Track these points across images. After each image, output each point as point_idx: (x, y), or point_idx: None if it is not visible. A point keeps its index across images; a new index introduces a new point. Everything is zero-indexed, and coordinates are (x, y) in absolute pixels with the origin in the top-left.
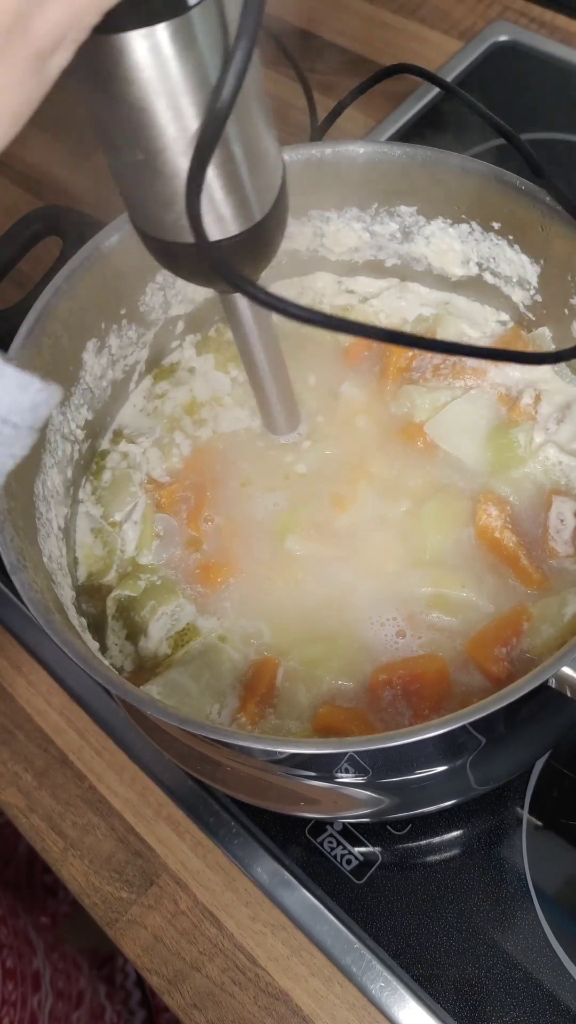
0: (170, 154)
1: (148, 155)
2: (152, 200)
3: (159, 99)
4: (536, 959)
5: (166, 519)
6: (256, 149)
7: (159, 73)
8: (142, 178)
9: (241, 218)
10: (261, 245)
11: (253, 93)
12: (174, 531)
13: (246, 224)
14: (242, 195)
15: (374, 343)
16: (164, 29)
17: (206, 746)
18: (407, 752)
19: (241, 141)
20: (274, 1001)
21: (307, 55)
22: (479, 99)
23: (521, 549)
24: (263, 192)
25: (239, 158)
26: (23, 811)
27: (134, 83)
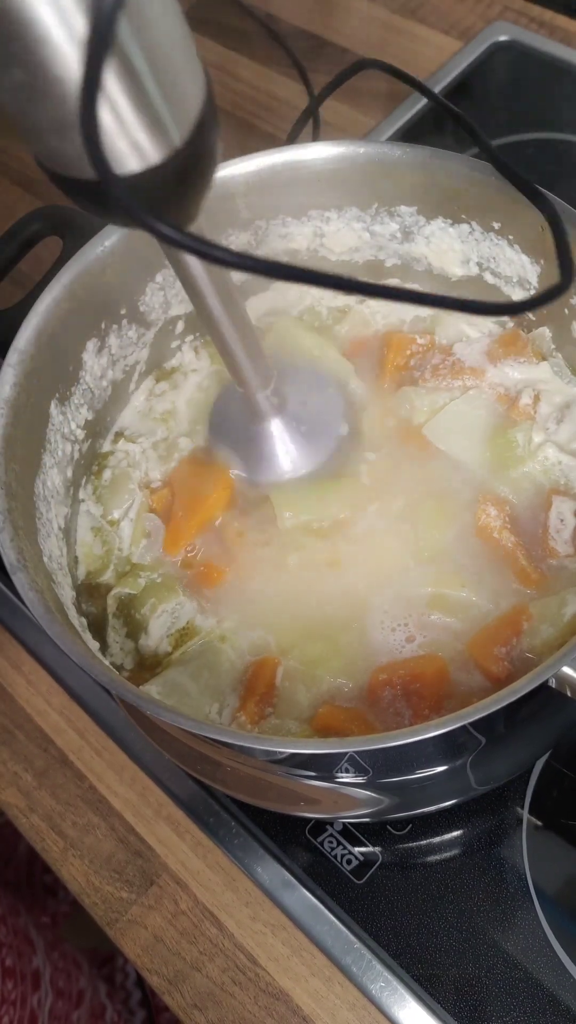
0: (56, 70)
1: (29, 74)
2: (46, 128)
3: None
4: (536, 959)
5: (154, 519)
6: (165, 54)
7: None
8: (29, 103)
9: (156, 144)
10: (186, 176)
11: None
12: (160, 532)
13: (162, 151)
14: (153, 115)
15: (371, 344)
16: None
17: (206, 746)
18: (407, 752)
19: (143, 46)
20: (274, 1001)
21: (307, 55)
22: (479, 99)
23: (520, 549)
24: (180, 110)
25: (143, 70)
26: (23, 811)
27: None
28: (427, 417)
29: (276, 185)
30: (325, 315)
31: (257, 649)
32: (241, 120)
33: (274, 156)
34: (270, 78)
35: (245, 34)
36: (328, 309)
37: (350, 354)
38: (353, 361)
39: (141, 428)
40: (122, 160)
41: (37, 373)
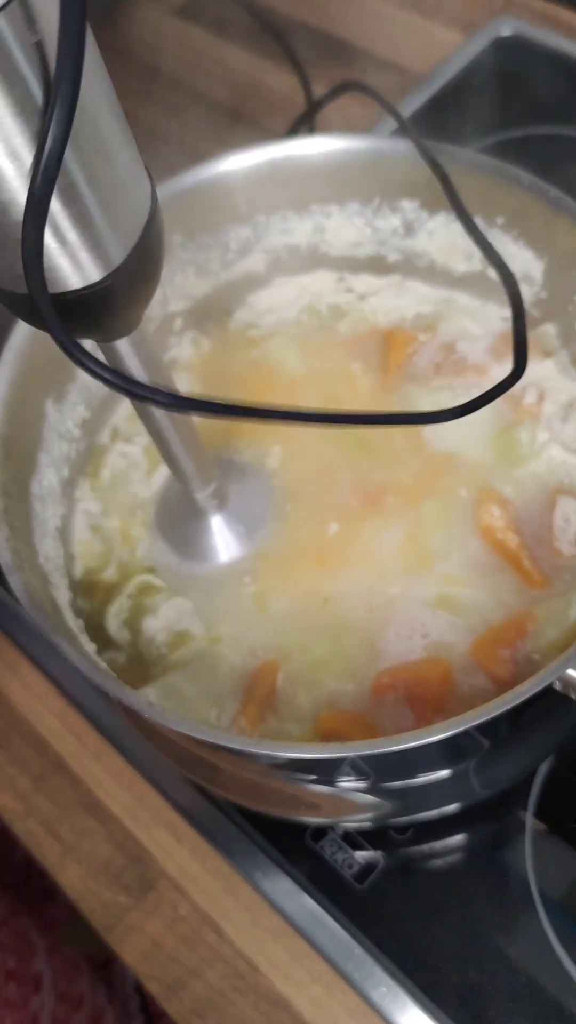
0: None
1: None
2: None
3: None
4: (540, 965)
5: None
6: (109, 180)
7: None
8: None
9: (96, 263)
10: (128, 291)
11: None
12: None
13: (103, 270)
14: (94, 236)
15: (373, 341)
16: None
17: (205, 750)
18: (410, 756)
19: (87, 174)
20: (275, 1008)
21: (307, 49)
22: (482, 94)
23: (524, 550)
24: (123, 229)
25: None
26: (20, 815)
27: None
28: None
29: (276, 179)
30: (325, 313)
31: (257, 652)
32: (238, 114)
33: (274, 150)
34: (267, 71)
35: (242, 27)
36: (328, 307)
37: (351, 352)
38: (354, 359)
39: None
40: (62, 279)
41: (33, 371)
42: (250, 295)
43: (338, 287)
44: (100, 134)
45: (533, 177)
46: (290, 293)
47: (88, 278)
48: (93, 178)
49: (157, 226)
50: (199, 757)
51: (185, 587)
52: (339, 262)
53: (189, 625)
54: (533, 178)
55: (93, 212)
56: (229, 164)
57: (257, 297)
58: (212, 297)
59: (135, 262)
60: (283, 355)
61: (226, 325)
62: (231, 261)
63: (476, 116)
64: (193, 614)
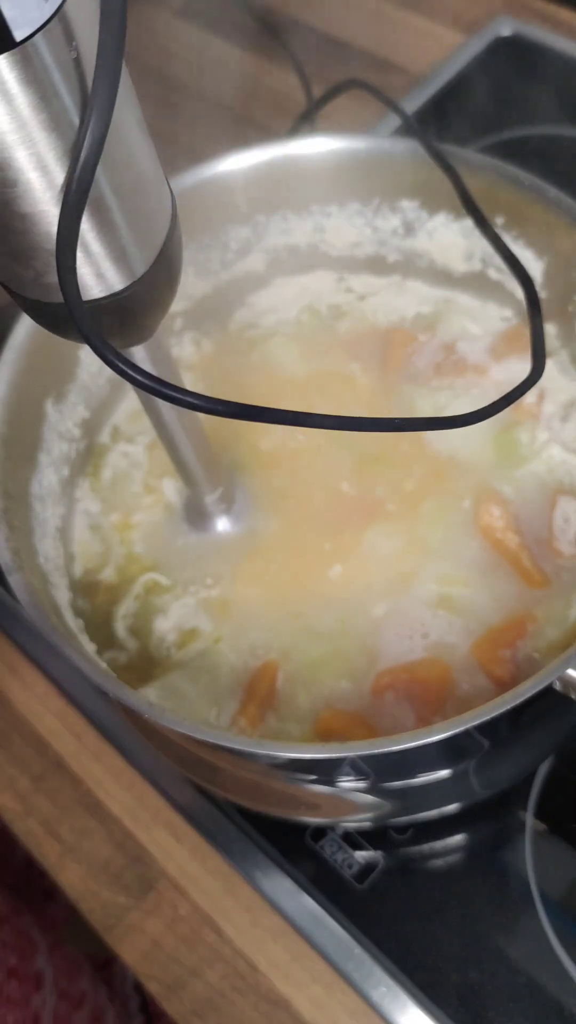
0: (23, 208)
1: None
2: (6, 253)
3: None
4: (540, 965)
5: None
6: (135, 193)
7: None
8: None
9: (120, 274)
10: (147, 300)
11: (128, 130)
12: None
13: (125, 280)
14: (119, 248)
15: (373, 341)
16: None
17: (205, 750)
18: (410, 756)
19: (115, 188)
20: (275, 1008)
21: (306, 48)
22: (482, 94)
23: (523, 550)
24: (146, 241)
25: (114, 208)
26: (19, 815)
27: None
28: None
29: (276, 179)
30: (325, 312)
31: (257, 652)
32: (238, 114)
33: (274, 150)
34: (267, 71)
35: (242, 27)
36: (328, 307)
37: (351, 352)
38: (354, 359)
39: (140, 426)
40: (85, 288)
41: (33, 371)
42: (250, 295)
43: (338, 287)
44: (127, 147)
45: (533, 177)
46: (290, 293)
47: (110, 287)
48: (119, 190)
49: (177, 236)
50: (199, 757)
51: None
52: (339, 262)
53: (198, 622)
54: (533, 178)
55: (119, 223)
56: (229, 164)
57: (257, 297)
58: (212, 297)
59: (156, 272)
60: (283, 355)
61: (226, 325)
62: (231, 261)
63: (476, 116)
64: (199, 609)
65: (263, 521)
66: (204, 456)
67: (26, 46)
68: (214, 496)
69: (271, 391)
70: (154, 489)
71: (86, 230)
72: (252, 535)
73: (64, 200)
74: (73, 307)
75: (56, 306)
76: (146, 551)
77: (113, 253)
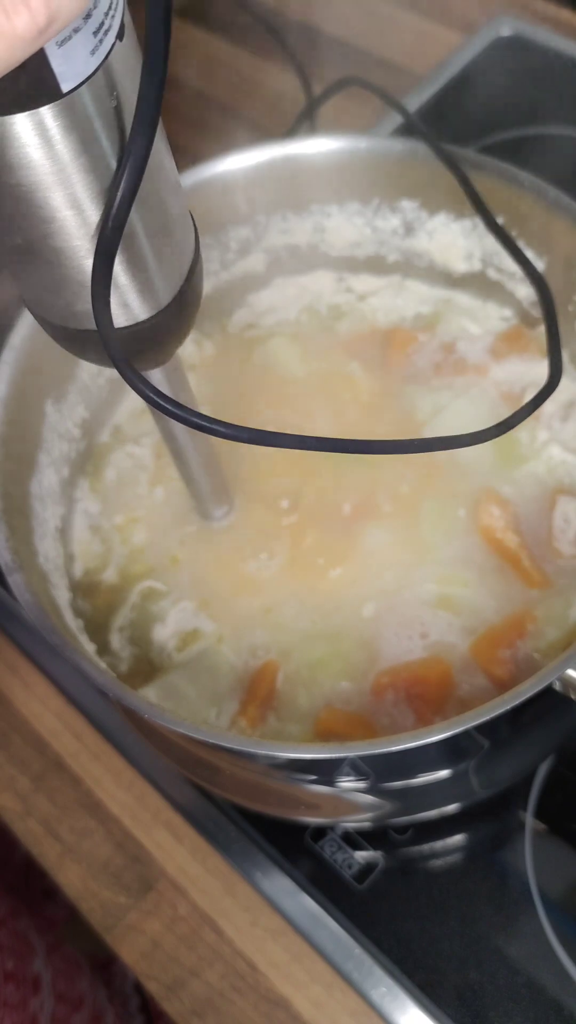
0: (57, 242)
1: (29, 241)
2: (37, 284)
3: (37, 188)
4: (540, 965)
5: None
6: (163, 230)
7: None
8: (23, 265)
9: (145, 304)
10: (168, 329)
11: (159, 170)
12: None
13: (150, 310)
14: (146, 280)
15: (373, 341)
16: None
17: (205, 750)
18: (410, 756)
19: (145, 225)
20: (274, 1008)
21: (305, 48)
22: (481, 94)
23: (523, 550)
24: (171, 274)
25: (143, 244)
26: (19, 815)
27: (4, 169)
28: (429, 416)
29: (276, 179)
30: (325, 313)
31: (257, 652)
32: (239, 114)
33: (274, 150)
34: (268, 71)
35: (243, 27)
36: (328, 307)
37: (351, 352)
38: (354, 359)
39: (142, 427)
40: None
41: (33, 371)
42: (250, 295)
43: (338, 287)
44: (157, 186)
45: (533, 177)
46: (290, 293)
47: (135, 317)
48: (148, 227)
49: (200, 267)
50: (199, 757)
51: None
52: (339, 262)
53: (197, 623)
54: (533, 178)
55: (147, 258)
56: (229, 164)
57: (257, 297)
58: (212, 297)
59: (179, 302)
60: (283, 355)
61: (226, 326)
62: (231, 261)
63: (476, 116)
64: (199, 612)
65: (263, 522)
66: (214, 472)
67: (71, 96)
68: (222, 511)
69: (271, 392)
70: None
71: (116, 264)
72: (252, 536)
73: (99, 238)
74: (106, 339)
75: (83, 332)
76: (149, 552)
77: (139, 286)
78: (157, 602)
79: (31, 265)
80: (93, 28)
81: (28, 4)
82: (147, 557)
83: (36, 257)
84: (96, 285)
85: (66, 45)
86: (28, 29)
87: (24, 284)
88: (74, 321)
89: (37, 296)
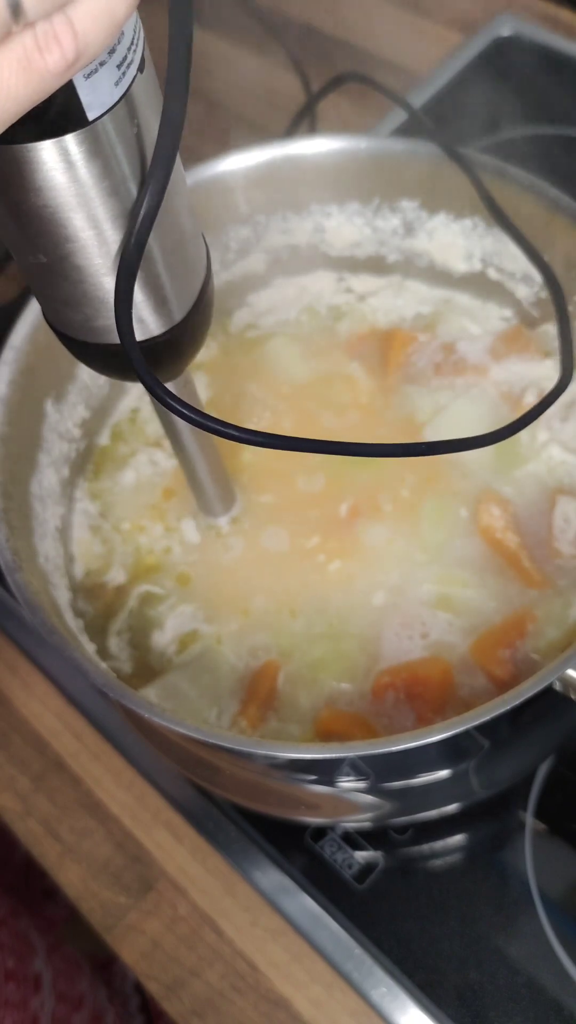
0: (78, 261)
1: (52, 260)
2: (57, 300)
3: (61, 209)
4: (540, 965)
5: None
6: (178, 250)
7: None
8: (44, 281)
9: (159, 320)
10: (181, 344)
11: (176, 194)
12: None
13: (163, 326)
14: (161, 297)
15: (373, 341)
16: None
17: (205, 750)
18: (410, 756)
19: (162, 245)
20: (274, 1008)
21: (305, 48)
22: (482, 93)
23: (523, 550)
24: (184, 291)
25: (159, 263)
26: (20, 815)
27: (31, 192)
28: (429, 417)
29: (276, 179)
30: (325, 313)
31: (258, 652)
32: (239, 114)
33: (274, 150)
34: (268, 71)
35: (242, 27)
36: (328, 307)
37: (351, 352)
38: (354, 359)
39: (140, 428)
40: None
41: (33, 370)
42: (250, 295)
43: (338, 287)
44: (174, 206)
45: (533, 177)
46: (290, 293)
47: (149, 332)
48: (164, 246)
49: (212, 284)
50: (199, 757)
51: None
52: (339, 262)
53: (196, 625)
54: (533, 178)
55: (162, 275)
56: (229, 164)
57: (257, 297)
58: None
59: (192, 317)
60: (283, 356)
61: (226, 326)
62: (231, 261)
63: (476, 116)
64: (197, 613)
65: (263, 523)
66: (220, 479)
67: (96, 124)
68: (227, 517)
69: (271, 392)
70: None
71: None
72: (252, 537)
73: (122, 256)
74: (127, 347)
75: (102, 347)
76: (149, 553)
77: (154, 302)
78: (155, 607)
79: (52, 282)
80: (117, 62)
81: (60, 42)
82: (147, 558)
83: (57, 275)
84: (120, 303)
85: (93, 77)
86: (58, 65)
87: (44, 300)
88: (93, 335)
89: (57, 311)
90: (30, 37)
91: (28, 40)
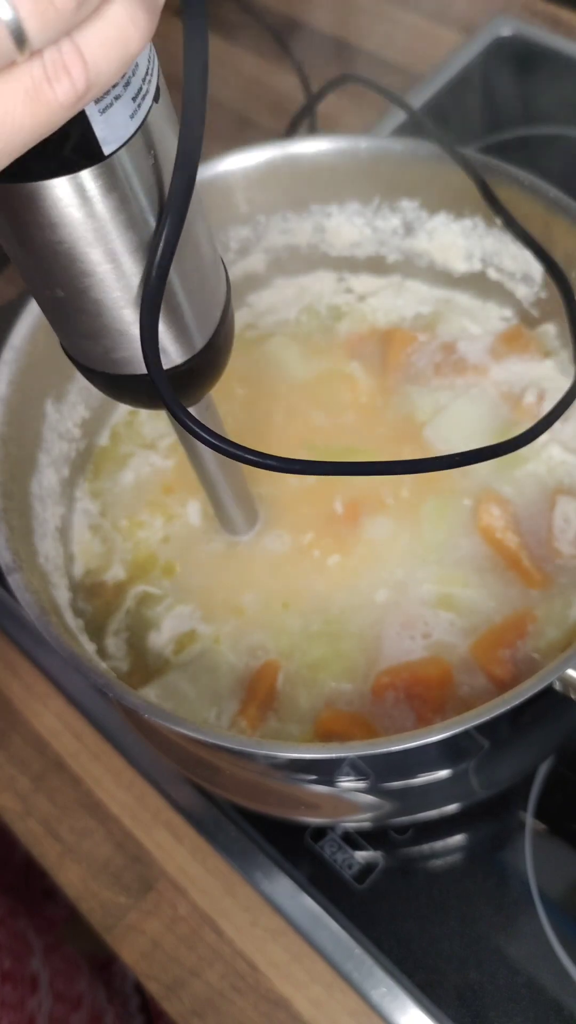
0: (96, 295)
1: (69, 294)
2: (76, 333)
3: (78, 244)
4: (540, 965)
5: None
6: (198, 277)
7: (81, 218)
8: (63, 312)
9: (180, 349)
10: (201, 372)
11: (195, 222)
12: None
13: (184, 355)
14: (182, 327)
15: (372, 341)
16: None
17: (205, 750)
18: (410, 756)
19: (182, 275)
20: (274, 1008)
21: (305, 48)
22: (482, 93)
23: (523, 550)
24: (205, 320)
25: (179, 292)
26: (19, 815)
27: (47, 228)
28: (429, 416)
29: (276, 179)
30: (324, 313)
31: (257, 652)
32: (239, 114)
33: (274, 150)
34: (268, 72)
35: (242, 28)
36: (327, 307)
37: (351, 352)
38: (354, 359)
39: (138, 429)
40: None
41: (33, 370)
42: (250, 295)
43: (338, 287)
44: (193, 235)
45: (533, 177)
46: (290, 293)
47: (171, 361)
48: (184, 275)
49: (231, 311)
50: (199, 757)
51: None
52: (339, 262)
53: (193, 625)
54: (533, 178)
55: (183, 305)
56: (229, 164)
57: (257, 297)
58: None
59: (213, 345)
60: (283, 355)
61: None
62: (231, 261)
63: (476, 116)
64: (195, 614)
65: (264, 523)
66: (243, 498)
67: (112, 158)
68: (250, 535)
69: (271, 392)
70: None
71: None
72: (252, 537)
73: (144, 288)
74: (154, 376)
75: (122, 377)
76: (149, 554)
77: (175, 332)
78: (152, 607)
79: (70, 316)
80: (132, 94)
81: (69, 72)
82: (147, 559)
83: (75, 308)
84: (146, 340)
85: (108, 112)
86: (68, 96)
87: (63, 333)
88: (113, 367)
89: (76, 344)
90: (38, 66)
91: (36, 69)
